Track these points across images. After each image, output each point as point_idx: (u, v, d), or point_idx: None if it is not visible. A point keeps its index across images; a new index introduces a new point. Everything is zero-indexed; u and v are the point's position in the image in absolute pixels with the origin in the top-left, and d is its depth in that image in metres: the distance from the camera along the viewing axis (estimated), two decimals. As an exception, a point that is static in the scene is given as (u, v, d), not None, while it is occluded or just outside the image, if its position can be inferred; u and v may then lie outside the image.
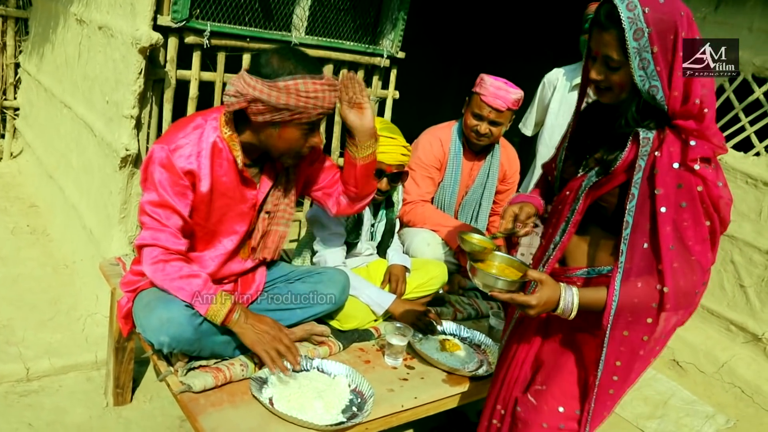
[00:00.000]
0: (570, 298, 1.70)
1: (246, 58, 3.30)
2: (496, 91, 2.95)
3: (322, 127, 3.75)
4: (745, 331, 3.66)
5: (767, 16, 3.51)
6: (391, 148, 2.59)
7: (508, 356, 2.00)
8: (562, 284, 1.73)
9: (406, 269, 2.80)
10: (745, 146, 3.70)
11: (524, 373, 1.93)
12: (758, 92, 3.58)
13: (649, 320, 1.64)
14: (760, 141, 3.64)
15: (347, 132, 2.30)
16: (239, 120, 2.08)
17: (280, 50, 2.01)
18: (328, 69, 3.67)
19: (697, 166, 1.56)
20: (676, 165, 1.58)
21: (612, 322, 1.65)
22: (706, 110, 1.56)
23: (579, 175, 1.81)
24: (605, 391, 1.74)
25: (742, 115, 3.68)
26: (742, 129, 3.71)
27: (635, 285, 1.62)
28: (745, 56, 3.55)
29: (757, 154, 3.65)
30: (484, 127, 3.03)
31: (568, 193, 1.82)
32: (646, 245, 1.62)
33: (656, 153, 1.60)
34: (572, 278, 1.82)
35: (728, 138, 3.75)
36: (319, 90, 1.97)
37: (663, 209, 1.58)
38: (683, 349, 3.73)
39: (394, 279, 2.73)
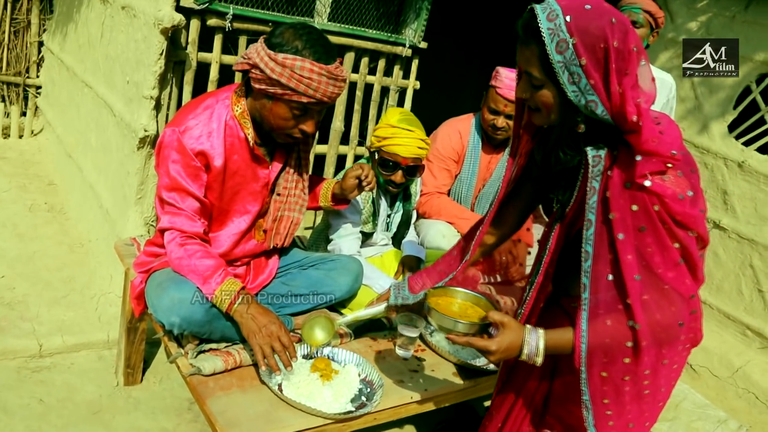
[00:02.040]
0: (534, 342, 1.57)
1: (267, 43, 3.29)
2: (512, 83, 2.90)
3: (341, 114, 3.74)
4: (761, 337, 3.62)
5: (798, 17, 3.45)
6: (407, 141, 2.56)
7: (517, 379, 1.88)
8: (527, 327, 1.60)
9: (419, 260, 2.78)
10: (769, 149, 3.65)
11: (538, 399, 1.82)
12: (786, 94, 3.52)
13: (627, 360, 1.49)
14: (786, 144, 3.59)
15: (361, 185, 2.38)
16: (246, 89, 2.08)
17: (297, 26, 1.98)
18: (349, 57, 3.65)
19: (648, 183, 1.39)
20: (628, 185, 1.42)
21: (585, 364, 1.51)
22: (641, 123, 1.38)
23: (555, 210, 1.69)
24: (604, 423, 1.59)
25: (768, 118, 3.62)
26: (768, 131, 3.65)
27: (604, 323, 1.48)
28: (774, 57, 3.49)
29: (782, 157, 3.60)
30: (501, 121, 3.00)
31: (546, 229, 1.71)
32: (610, 277, 1.46)
33: (609, 173, 1.45)
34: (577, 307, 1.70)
35: (753, 140, 3.69)
36: (315, 75, 1.92)
37: (620, 236, 1.43)
38: (697, 352, 3.68)
39: (407, 270, 2.72)
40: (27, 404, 2.47)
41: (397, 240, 2.90)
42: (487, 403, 2.93)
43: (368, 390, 2.10)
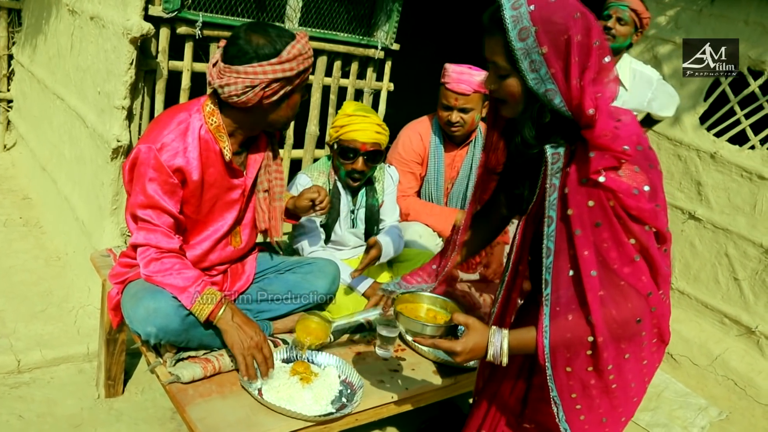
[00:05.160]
0: (498, 342, 1.59)
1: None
2: (459, 76, 2.94)
3: (315, 118, 3.75)
4: (738, 324, 3.67)
5: (763, 9, 3.50)
6: (365, 126, 2.59)
7: (497, 376, 1.89)
8: (492, 328, 1.62)
9: (380, 252, 2.71)
10: (740, 139, 3.70)
11: (516, 396, 1.82)
12: (753, 85, 3.58)
13: (589, 352, 1.51)
14: (755, 134, 3.64)
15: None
16: (231, 109, 2.06)
17: (254, 29, 1.97)
18: (321, 61, 3.65)
19: (602, 178, 1.41)
20: (584, 181, 1.44)
21: (549, 360, 1.53)
22: (596, 117, 1.40)
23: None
24: (575, 417, 1.60)
25: (737, 108, 3.67)
26: (738, 122, 3.70)
27: (566, 318, 1.50)
28: (741, 49, 3.53)
29: (752, 147, 3.65)
30: (455, 116, 3.02)
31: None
32: (571, 273, 1.48)
33: (567, 169, 1.47)
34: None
35: (723, 131, 3.75)
36: (304, 46, 2.00)
37: (577, 231, 1.44)
38: (677, 342, 3.72)
39: (366, 257, 2.65)
40: (6, 421, 2.43)
41: (369, 237, 2.87)
42: (471, 400, 2.94)
43: (348, 391, 2.10)
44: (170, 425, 2.58)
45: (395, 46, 3.89)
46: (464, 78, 2.94)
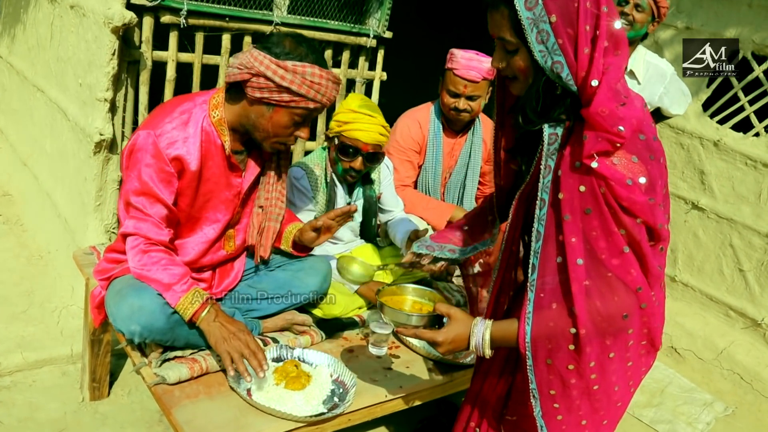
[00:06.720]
0: (480, 333, 1.57)
1: (225, 39, 3.20)
2: (468, 62, 2.87)
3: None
4: (744, 317, 3.62)
5: (767, -8, 3.43)
6: (369, 126, 2.51)
7: (481, 370, 1.85)
8: (475, 318, 1.61)
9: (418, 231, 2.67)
10: (744, 126, 3.63)
11: (498, 393, 1.79)
12: (758, 71, 3.51)
13: (571, 347, 1.45)
14: (760, 121, 3.58)
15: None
16: (231, 97, 2.05)
17: (293, 35, 2.05)
18: (312, 50, 3.57)
19: (594, 164, 1.35)
20: (578, 165, 1.38)
21: (530, 349, 1.48)
22: (598, 91, 1.34)
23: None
24: (553, 417, 1.57)
25: (741, 95, 3.61)
26: (742, 109, 3.64)
27: (549, 307, 1.46)
28: (744, 33, 3.49)
29: (757, 134, 3.60)
30: (462, 103, 2.96)
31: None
32: (559, 259, 1.44)
33: (563, 151, 1.42)
34: None
35: (727, 118, 3.69)
36: (323, 80, 1.97)
37: (567, 217, 1.40)
38: (681, 335, 3.69)
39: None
40: (-16, 426, 2.38)
41: (366, 229, 2.80)
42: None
43: (341, 390, 2.07)
44: (158, 428, 2.54)
45: (388, 34, 3.81)
46: (473, 65, 2.87)
